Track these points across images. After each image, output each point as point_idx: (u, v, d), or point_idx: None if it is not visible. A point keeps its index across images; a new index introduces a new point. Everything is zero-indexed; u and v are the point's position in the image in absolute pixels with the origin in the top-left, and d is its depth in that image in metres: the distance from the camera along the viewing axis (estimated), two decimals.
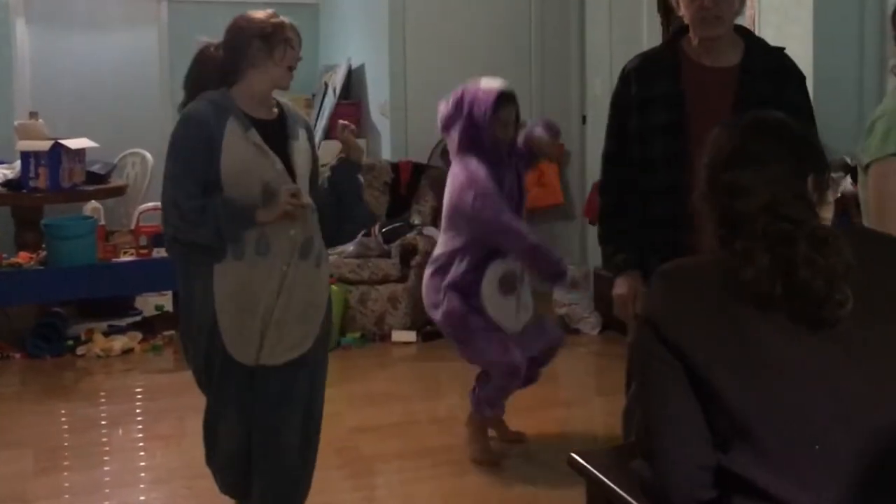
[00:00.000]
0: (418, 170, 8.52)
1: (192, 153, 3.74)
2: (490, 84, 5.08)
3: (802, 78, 3.68)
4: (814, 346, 2.18)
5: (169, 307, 8.11)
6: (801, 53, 5.82)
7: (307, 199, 3.95)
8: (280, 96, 4.04)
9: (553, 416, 5.87)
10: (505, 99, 5.03)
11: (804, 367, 2.17)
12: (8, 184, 8.03)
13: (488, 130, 4.99)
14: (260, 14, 3.93)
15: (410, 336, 7.55)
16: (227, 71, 3.93)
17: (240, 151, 3.80)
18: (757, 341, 2.18)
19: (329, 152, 9.01)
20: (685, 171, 3.31)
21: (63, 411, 6.19)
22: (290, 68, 3.94)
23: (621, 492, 2.49)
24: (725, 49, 3.63)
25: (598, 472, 2.63)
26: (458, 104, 5.08)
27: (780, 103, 3.15)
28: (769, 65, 3.62)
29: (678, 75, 3.62)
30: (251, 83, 3.91)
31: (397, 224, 8.06)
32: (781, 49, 3.71)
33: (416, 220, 8.06)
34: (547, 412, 5.89)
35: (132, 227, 7.78)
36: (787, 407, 2.16)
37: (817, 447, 2.14)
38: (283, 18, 3.93)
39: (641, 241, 3.68)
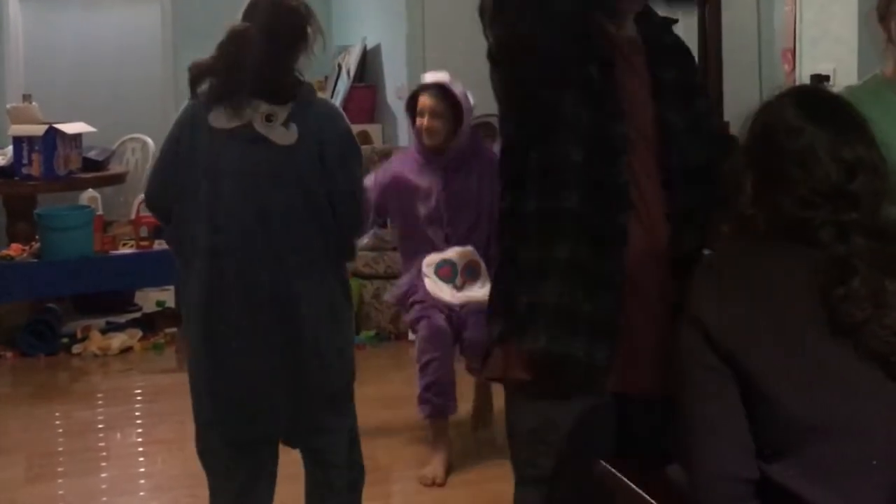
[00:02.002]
0: None
1: None
2: (425, 77, 5.19)
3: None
4: (863, 356, 2.17)
5: (171, 303, 8.12)
6: (847, 35, 5.79)
7: None
8: None
9: None
10: (426, 93, 5.14)
11: (860, 378, 2.16)
12: None
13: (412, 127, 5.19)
14: None
15: None
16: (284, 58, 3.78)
17: None
18: (814, 349, 2.17)
19: None
20: None
21: (57, 414, 6.20)
22: None
23: (654, 502, 2.48)
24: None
25: (629, 479, 2.62)
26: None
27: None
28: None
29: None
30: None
31: None
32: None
33: None
34: None
35: (132, 217, 7.78)
36: (845, 420, 2.15)
37: (874, 462, 2.14)
38: None
39: None
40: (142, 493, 5.08)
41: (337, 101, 9.30)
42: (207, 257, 3.71)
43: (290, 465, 3.97)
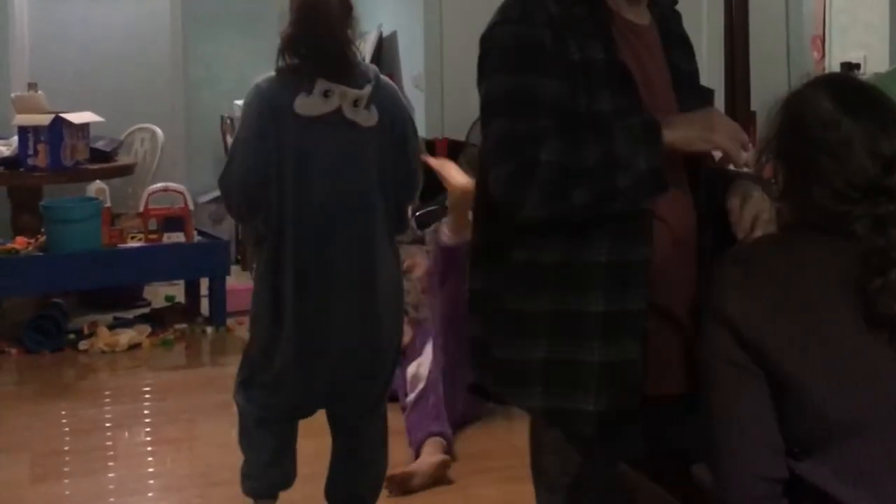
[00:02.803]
0: (455, 148, 8.49)
1: None
2: None
3: None
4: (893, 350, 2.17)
5: (180, 298, 8.14)
6: (877, 22, 5.78)
7: None
8: None
9: None
10: None
11: (892, 376, 2.16)
12: (4, 162, 8.06)
13: None
14: None
15: None
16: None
17: None
18: (847, 343, 2.17)
19: None
20: None
21: (63, 412, 6.21)
22: None
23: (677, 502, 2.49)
24: None
25: (651, 479, 2.62)
26: None
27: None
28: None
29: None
30: None
31: (432, 207, 8.03)
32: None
33: None
34: None
35: (140, 209, 7.79)
36: (880, 417, 2.15)
37: None
38: None
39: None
40: (150, 494, 5.09)
41: None
42: (299, 243, 3.98)
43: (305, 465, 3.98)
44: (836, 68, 6.18)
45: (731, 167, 2.76)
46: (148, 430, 5.94)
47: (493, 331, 2.77)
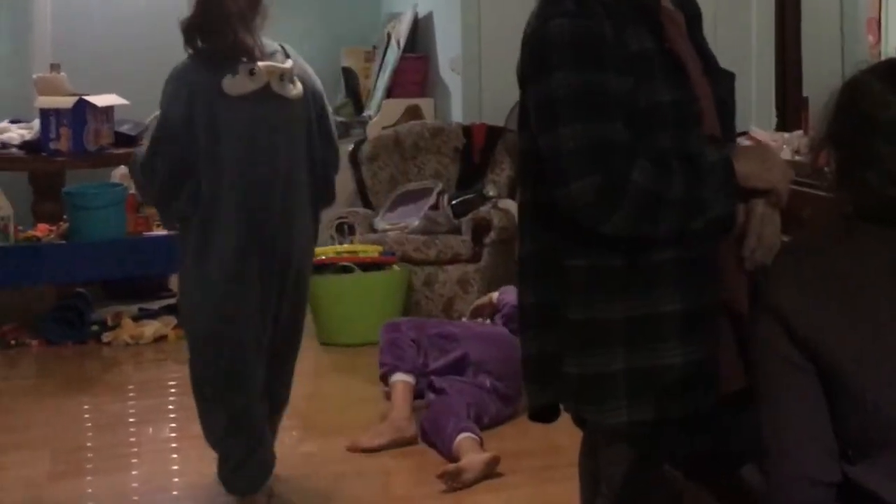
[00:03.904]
0: (493, 134, 8.50)
1: None
2: None
3: None
4: None
5: None
6: None
7: None
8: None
9: None
10: None
11: None
12: (26, 146, 8.05)
13: None
14: None
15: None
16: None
17: None
18: None
19: (391, 110, 9.06)
20: None
21: (86, 407, 6.26)
22: None
23: None
24: None
25: (698, 482, 2.62)
26: None
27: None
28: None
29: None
30: None
31: (469, 196, 8.05)
32: None
33: (490, 191, 8.05)
34: None
35: None
36: None
37: None
38: None
39: None
40: (175, 493, 5.12)
41: (386, 73, 9.32)
42: (234, 217, 4.43)
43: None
44: (893, 53, 6.14)
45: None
46: (173, 425, 5.98)
47: (563, 345, 2.76)
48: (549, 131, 2.67)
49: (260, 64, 4.42)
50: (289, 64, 4.50)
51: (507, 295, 6.18)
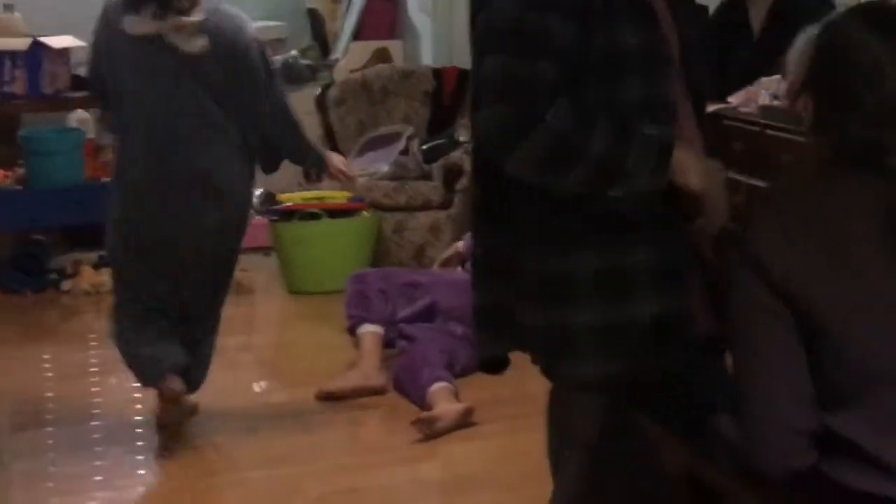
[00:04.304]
0: (465, 77, 8.47)
1: None
2: None
3: None
4: None
5: None
6: None
7: None
8: None
9: None
10: None
11: None
12: None
13: None
14: None
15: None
16: None
17: None
18: (886, 287, 2.18)
19: (358, 53, 9.02)
20: None
21: (46, 356, 6.26)
22: None
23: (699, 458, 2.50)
24: None
25: (673, 434, 2.63)
26: None
27: None
28: None
29: None
30: None
31: (440, 141, 8.04)
32: None
33: (461, 136, 8.02)
34: None
35: None
36: None
37: None
38: None
39: None
40: (139, 443, 5.12)
41: (353, 14, 9.27)
42: (142, 148, 4.90)
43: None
44: None
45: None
46: None
47: (523, 295, 2.75)
48: (477, 59, 2.70)
49: (161, 11, 4.76)
50: (193, 18, 4.76)
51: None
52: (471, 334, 5.63)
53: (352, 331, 5.85)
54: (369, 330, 5.76)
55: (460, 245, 6.43)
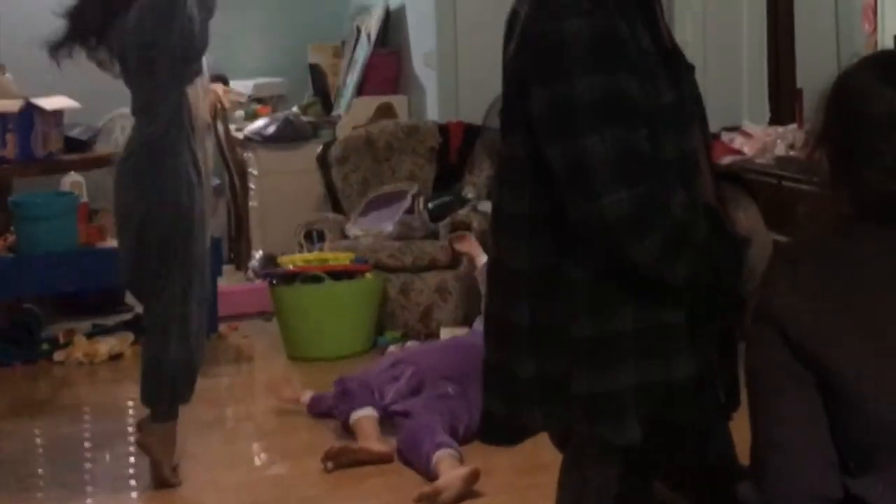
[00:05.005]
0: (471, 132, 8.50)
1: None
2: None
3: None
4: None
5: None
6: None
7: None
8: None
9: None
10: None
11: None
12: None
13: None
14: None
15: (463, 334, 7.52)
16: None
17: None
18: None
19: (361, 109, 9.04)
20: None
21: (37, 431, 6.24)
22: None
23: None
24: None
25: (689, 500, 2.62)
26: None
27: None
28: None
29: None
30: None
31: (446, 198, 8.05)
32: None
33: (469, 193, 8.05)
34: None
35: None
36: None
37: None
38: None
39: None
40: None
41: (356, 69, 9.31)
42: None
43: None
44: (890, 42, 6.16)
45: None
46: (131, 450, 5.93)
47: (569, 364, 2.72)
48: (568, 141, 2.60)
49: None
50: None
51: None
52: (466, 390, 5.66)
53: (345, 424, 5.81)
54: (362, 414, 5.73)
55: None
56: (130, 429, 6.22)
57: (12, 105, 7.86)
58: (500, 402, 2.85)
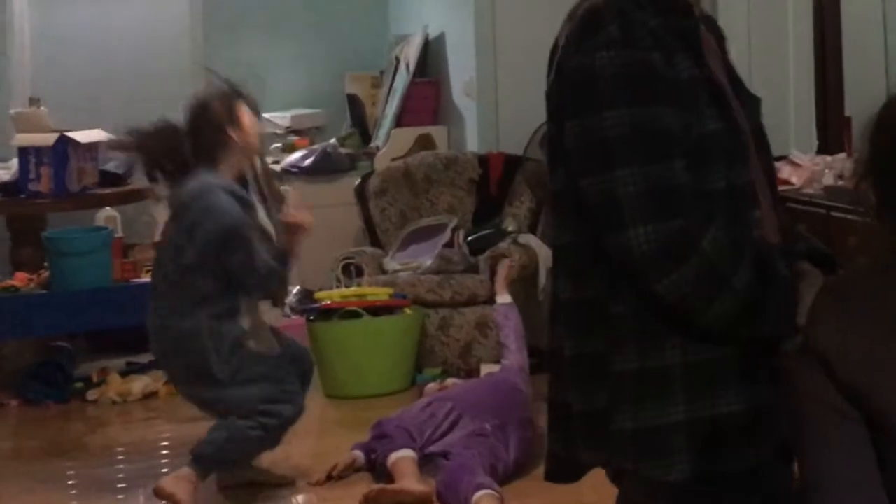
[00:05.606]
0: (512, 163, 8.50)
1: None
2: None
3: None
4: None
5: None
6: None
7: None
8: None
9: None
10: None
11: None
12: (3, 187, 8.07)
13: None
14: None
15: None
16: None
17: None
18: None
19: (400, 140, 9.05)
20: None
21: (70, 472, 6.25)
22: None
23: None
24: None
25: None
26: None
27: None
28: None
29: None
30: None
31: (486, 231, 8.04)
32: None
33: (509, 226, 8.04)
34: None
35: (156, 239, 7.80)
36: None
37: None
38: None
39: None
40: None
41: (394, 100, 9.32)
42: None
43: None
44: None
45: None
46: None
47: (614, 398, 2.71)
48: (599, 174, 2.61)
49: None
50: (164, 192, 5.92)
51: None
52: (505, 426, 5.66)
53: (383, 466, 5.81)
54: (400, 455, 5.71)
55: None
56: (164, 469, 6.21)
57: (47, 139, 7.90)
58: (557, 438, 2.86)
